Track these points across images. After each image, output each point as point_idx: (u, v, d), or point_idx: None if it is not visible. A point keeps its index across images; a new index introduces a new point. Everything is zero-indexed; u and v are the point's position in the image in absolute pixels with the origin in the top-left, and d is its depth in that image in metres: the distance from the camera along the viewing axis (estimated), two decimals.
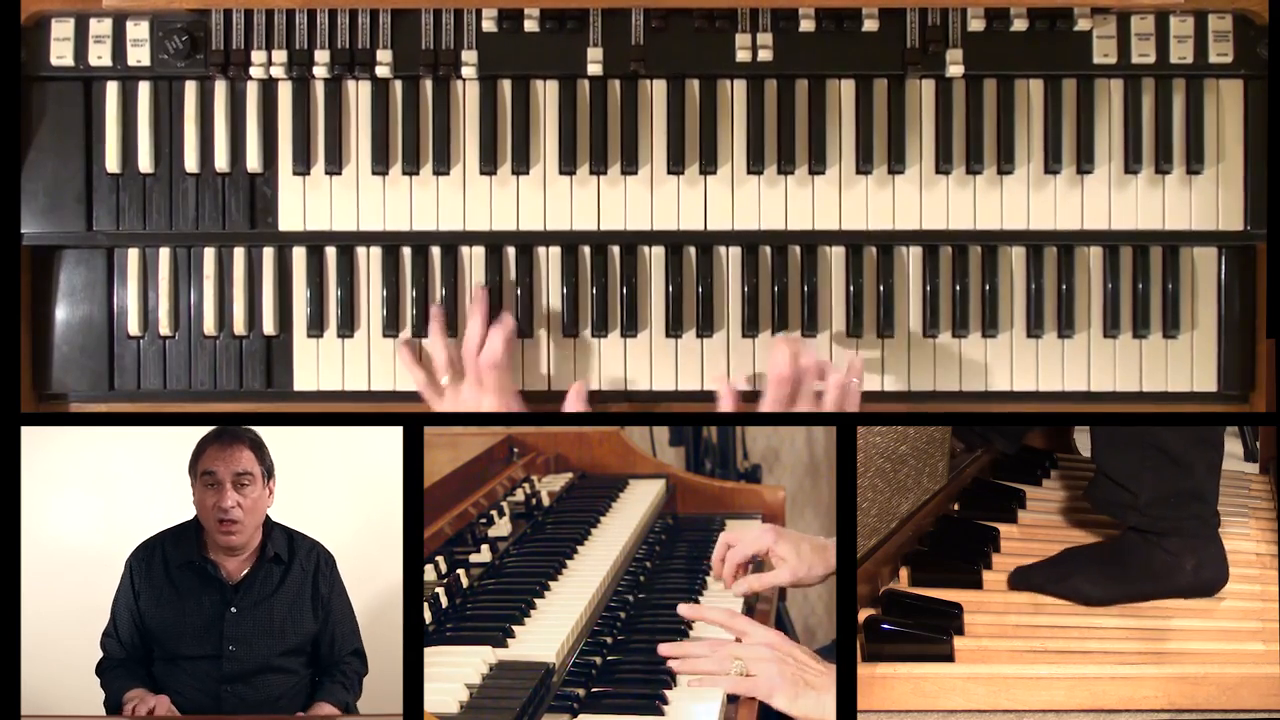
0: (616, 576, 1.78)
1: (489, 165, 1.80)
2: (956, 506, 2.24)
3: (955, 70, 1.79)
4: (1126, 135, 1.82)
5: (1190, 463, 1.93)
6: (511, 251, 1.82)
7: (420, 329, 1.80)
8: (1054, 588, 1.94)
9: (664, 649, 1.54)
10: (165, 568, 1.80)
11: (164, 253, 1.81)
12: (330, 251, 1.82)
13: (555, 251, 1.82)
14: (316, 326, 1.81)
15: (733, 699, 1.48)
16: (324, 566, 1.83)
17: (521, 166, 1.80)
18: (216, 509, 1.78)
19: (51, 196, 1.80)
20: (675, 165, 1.80)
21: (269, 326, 1.81)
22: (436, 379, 1.78)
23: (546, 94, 1.82)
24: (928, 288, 1.81)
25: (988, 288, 1.81)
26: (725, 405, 1.76)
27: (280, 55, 1.79)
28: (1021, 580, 1.97)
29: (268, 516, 1.82)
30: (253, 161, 1.80)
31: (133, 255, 1.81)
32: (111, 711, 1.76)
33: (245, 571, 1.80)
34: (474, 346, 1.76)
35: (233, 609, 1.78)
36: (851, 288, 1.81)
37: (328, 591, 1.82)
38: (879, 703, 1.73)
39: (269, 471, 1.82)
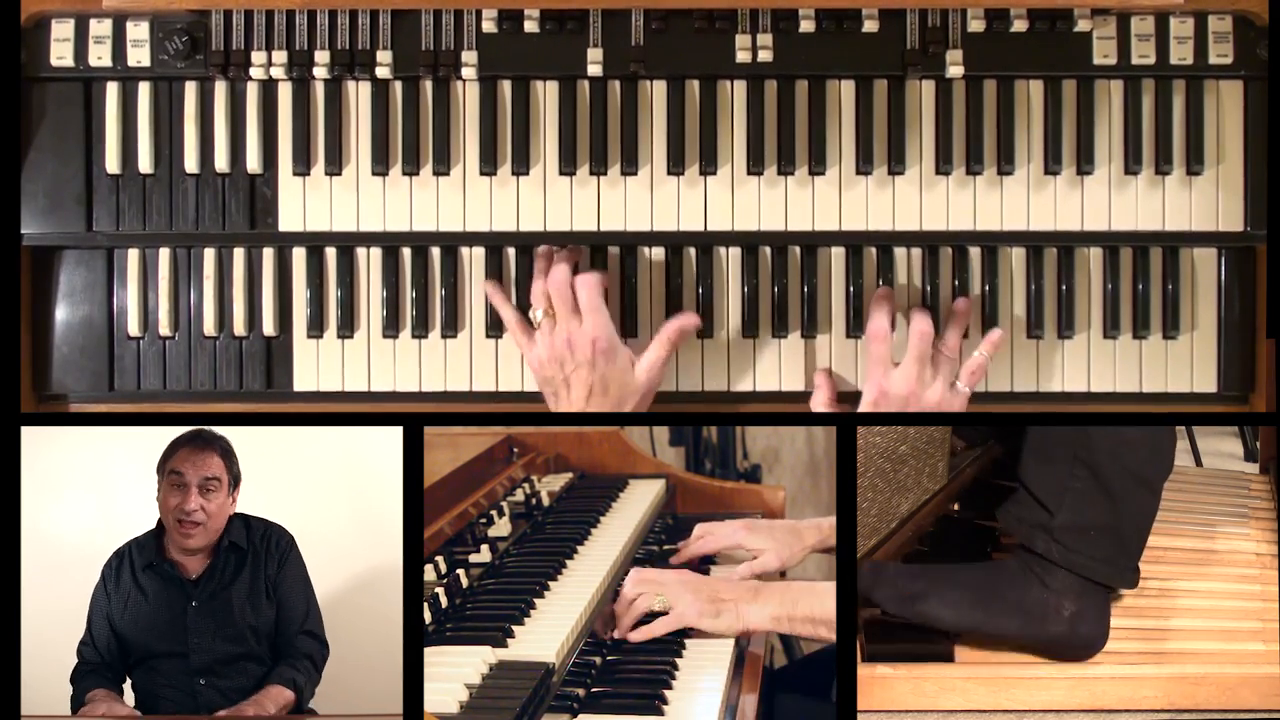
0: (616, 576, 1.78)
1: (489, 166, 1.80)
2: (956, 506, 2.24)
3: (955, 71, 1.79)
4: (1126, 136, 1.82)
5: (1119, 498, 1.74)
6: (511, 252, 1.82)
7: (419, 329, 1.80)
8: (902, 609, 1.73)
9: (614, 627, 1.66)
10: (132, 573, 1.83)
11: (164, 253, 1.81)
12: (330, 252, 1.82)
13: None
14: (316, 327, 1.81)
15: (732, 698, 1.49)
16: (274, 548, 1.84)
17: (521, 167, 1.80)
18: (179, 510, 1.80)
19: (51, 197, 1.80)
20: (675, 166, 1.80)
21: (269, 327, 1.81)
22: (530, 315, 1.75)
23: (546, 94, 1.82)
24: (927, 288, 1.81)
25: (987, 288, 1.81)
26: (820, 402, 1.77)
27: (280, 56, 1.79)
28: (872, 590, 1.76)
29: None
30: (253, 162, 1.80)
31: (133, 256, 1.81)
32: (75, 712, 1.78)
33: (204, 566, 1.82)
34: (565, 284, 1.72)
35: (193, 603, 1.80)
36: (851, 288, 1.81)
37: (274, 571, 1.83)
38: (879, 703, 1.73)
39: (235, 480, 1.84)
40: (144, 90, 1.81)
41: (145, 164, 1.80)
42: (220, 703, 1.77)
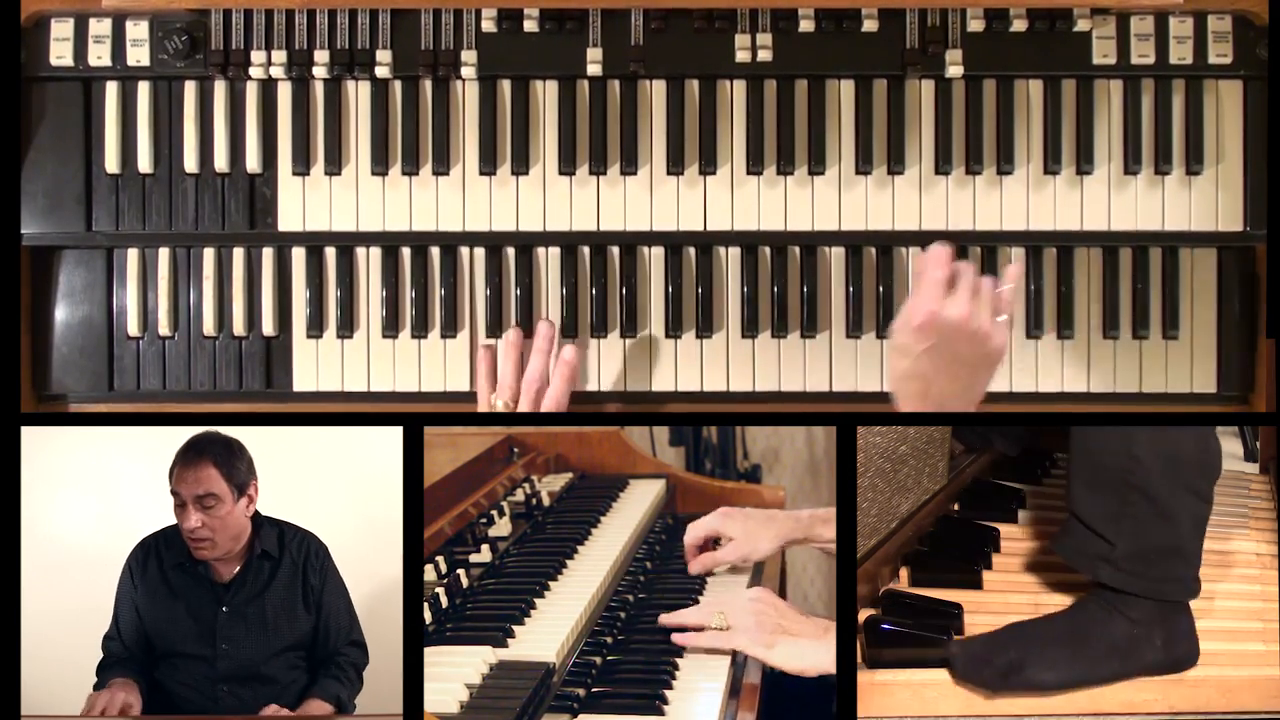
0: (616, 576, 1.78)
1: (488, 166, 1.80)
2: (956, 506, 2.23)
3: (955, 71, 1.79)
4: (1126, 136, 1.82)
5: (1175, 513, 1.71)
6: (511, 252, 1.82)
7: (419, 329, 1.80)
8: (1007, 684, 1.69)
9: (663, 618, 1.60)
10: (160, 568, 1.81)
11: (163, 253, 1.81)
12: (330, 252, 1.82)
13: (555, 252, 1.82)
14: (316, 327, 1.81)
15: (734, 697, 1.48)
16: (314, 558, 1.82)
17: (521, 167, 1.80)
18: (185, 530, 1.78)
19: (51, 197, 1.80)
20: (675, 166, 1.80)
21: (268, 327, 1.81)
22: (490, 400, 1.76)
23: (546, 94, 1.82)
24: None
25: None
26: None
27: (280, 55, 1.79)
28: (970, 673, 1.70)
29: (257, 512, 1.82)
30: (252, 162, 1.80)
31: (132, 256, 1.81)
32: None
33: (236, 570, 1.80)
34: (535, 382, 1.73)
35: (224, 609, 1.78)
36: (851, 288, 1.81)
37: (319, 583, 1.81)
38: (879, 709, 1.73)
39: (241, 486, 1.79)
40: (143, 90, 1.81)
41: (145, 164, 1.80)
42: (239, 711, 1.75)
